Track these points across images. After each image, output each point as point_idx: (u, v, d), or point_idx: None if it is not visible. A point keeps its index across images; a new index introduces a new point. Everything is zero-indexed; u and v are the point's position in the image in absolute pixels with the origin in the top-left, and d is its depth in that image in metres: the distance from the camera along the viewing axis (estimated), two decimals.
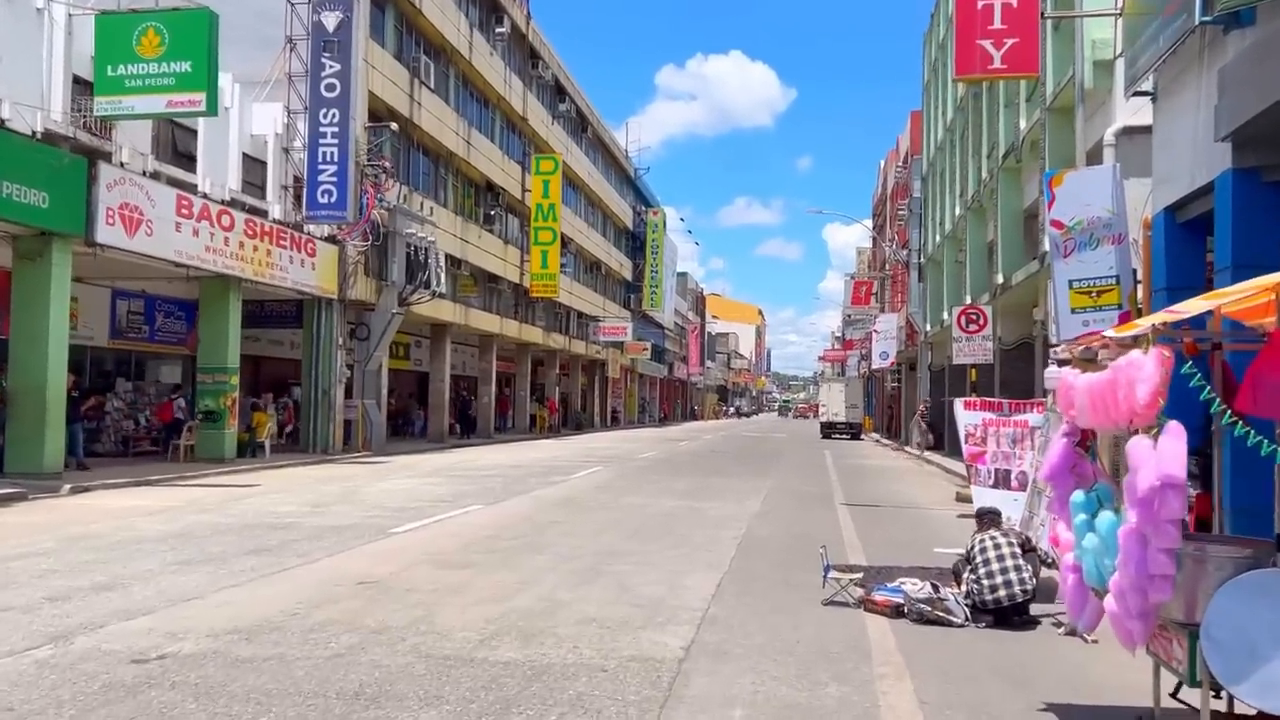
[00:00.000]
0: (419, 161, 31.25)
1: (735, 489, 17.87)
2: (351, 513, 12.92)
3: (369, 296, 26.68)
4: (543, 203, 40.60)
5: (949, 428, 31.79)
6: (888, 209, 54.38)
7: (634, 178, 66.98)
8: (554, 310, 47.13)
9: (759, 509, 14.65)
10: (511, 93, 39.15)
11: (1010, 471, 10.35)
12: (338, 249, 25.09)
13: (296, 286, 23.18)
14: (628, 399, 69.20)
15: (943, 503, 16.83)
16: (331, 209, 22.82)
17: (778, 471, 23.13)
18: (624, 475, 20.43)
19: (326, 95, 22.72)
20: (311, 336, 25.35)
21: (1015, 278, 19.98)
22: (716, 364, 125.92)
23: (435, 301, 30.67)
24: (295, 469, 20.89)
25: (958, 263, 30.58)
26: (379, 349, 27.11)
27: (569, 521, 12.51)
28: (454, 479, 18.56)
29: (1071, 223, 13.40)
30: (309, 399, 25.34)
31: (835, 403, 49.41)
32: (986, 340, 17.08)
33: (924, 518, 14.52)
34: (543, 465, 22.88)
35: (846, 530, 12.50)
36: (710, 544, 10.89)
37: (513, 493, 16.07)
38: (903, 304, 44.02)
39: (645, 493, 16.66)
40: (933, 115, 35.24)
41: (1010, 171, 21.97)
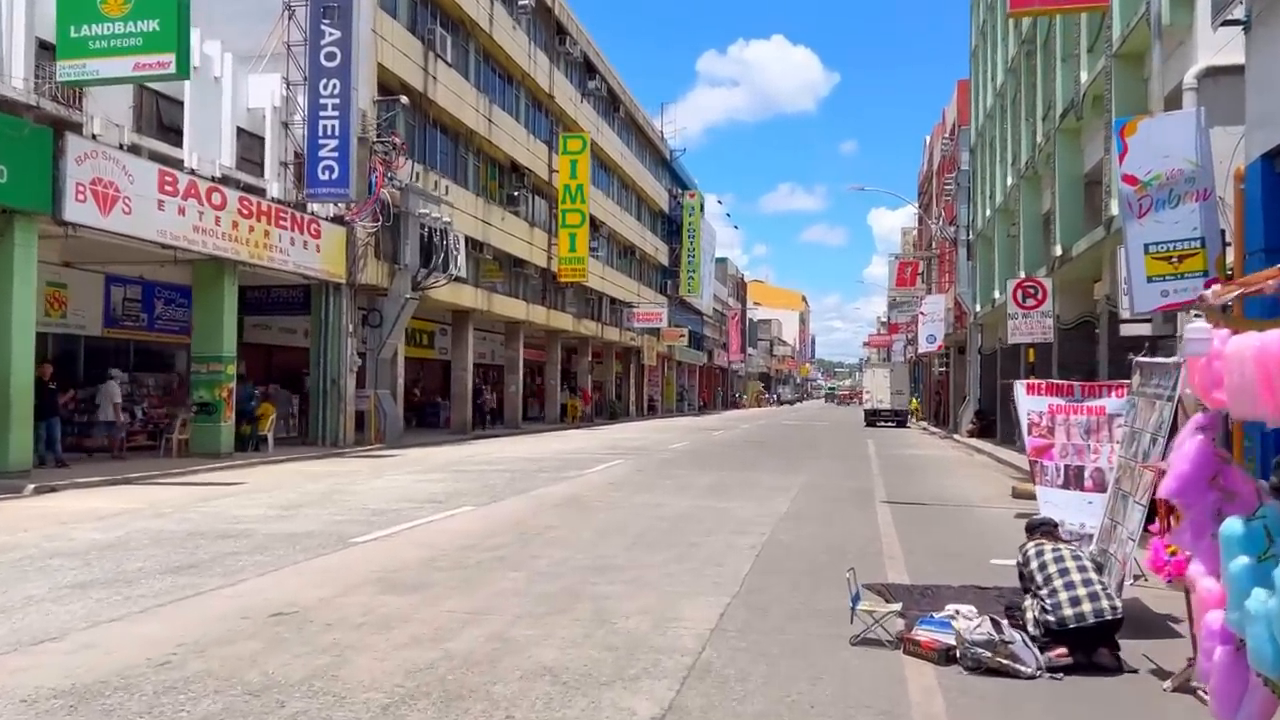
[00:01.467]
0: (436, 139, 29.80)
1: (764, 485, 16.17)
2: (321, 516, 11.43)
3: (380, 281, 25.28)
4: (570, 184, 39.01)
5: (1002, 415, 29.79)
6: (934, 186, 52.04)
7: (670, 160, 65.16)
8: (585, 296, 45.59)
9: (787, 509, 12.95)
10: (537, 69, 37.57)
11: (1084, 468, 8.56)
12: (345, 230, 23.69)
13: (299, 270, 21.82)
14: (665, 387, 67.54)
15: (998, 499, 15.00)
16: (333, 186, 21.40)
17: (814, 464, 21.37)
18: (644, 469, 18.81)
19: (326, 65, 21.28)
20: (320, 323, 24.00)
21: (1076, 248, 18.00)
22: (759, 351, 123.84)
23: (455, 286, 29.25)
24: (294, 464, 19.54)
25: (1010, 237, 28.50)
26: (392, 336, 25.72)
27: (564, 526, 10.91)
28: (457, 475, 17.06)
29: (1147, 177, 11.51)
30: (317, 389, 24.00)
31: (880, 389, 47.34)
32: (1046, 316, 15.21)
33: (977, 519, 12.73)
34: (561, 458, 21.33)
35: (886, 536, 10.76)
36: (723, 555, 9.23)
37: (515, 490, 14.52)
38: (950, 284, 41.84)
39: (662, 490, 15.02)
40: (981, 82, 33.08)
41: (1069, 133, 19.94)
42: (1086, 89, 17.45)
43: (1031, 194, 24.25)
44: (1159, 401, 6.88)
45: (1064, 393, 8.80)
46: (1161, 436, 6.66)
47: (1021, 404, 8.94)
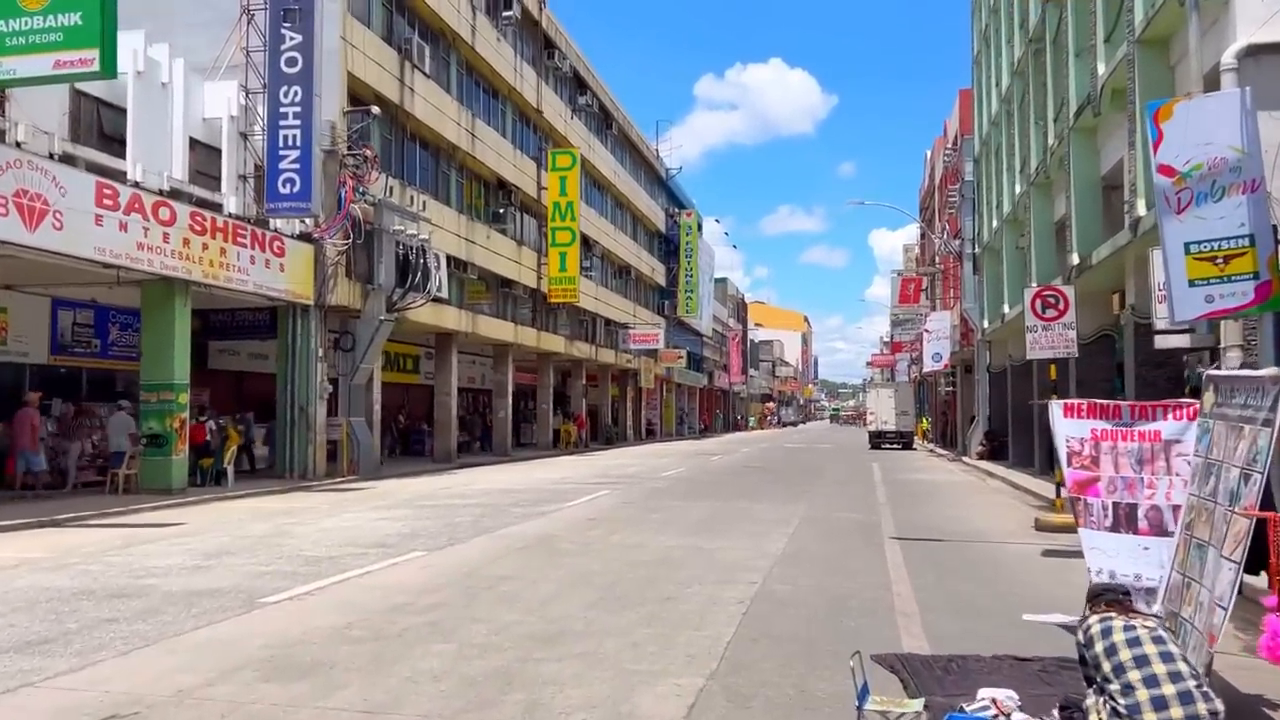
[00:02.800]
0: (414, 154, 28.43)
1: (760, 518, 14.61)
2: (243, 568, 9.89)
3: (353, 302, 23.81)
4: (560, 201, 37.63)
5: (1014, 437, 28.24)
6: (936, 200, 50.69)
7: (666, 179, 63.89)
8: (579, 317, 44.14)
9: (783, 549, 11.40)
10: (524, 83, 36.29)
11: (1137, 506, 7.03)
12: (313, 248, 22.25)
13: (261, 291, 20.36)
14: (665, 410, 65.99)
15: (1020, 533, 13.44)
16: (295, 200, 19.97)
17: (816, 492, 19.80)
18: (631, 502, 17.25)
19: (287, 71, 19.89)
20: (286, 347, 22.51)
21: (1097, 255, 16.53)
22: (760, 372, 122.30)
23: (436, 307, 27.81)
24: (250, 501, 18.00)
25: (1019, 249, 27.06)
26: (366, 360, 24.22)
27: (522, 577, 9.36)
28: (422, 511, 15.52)
29: (1187, 168, 10.05)
30: (284, 418, 22.49)
31: (884, 410, 45.74)
32: (1068, 328, 13.68)
33: (999, 557, 11.17)
34: (543, 490, 19.79)
35: (897, 584, 9.22)
36: (703, 615, 7.69)
37: (480, 530, 12.97)
38: (956, 300, 40.37)
39: (646, 526, 13.47)
40: (985, 89, 31.74)
41: (1084, 132, 18.52)
42: (1105, 82, 16.03)
43: (1043, 201, 22.81)
44: (1250, 427, 5.37)
45: (1110, 415, 7.28)
46: (1259, 472, 5.15)
47: (1059, 428, 7.42)
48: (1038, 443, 24.51)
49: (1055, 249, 22.87)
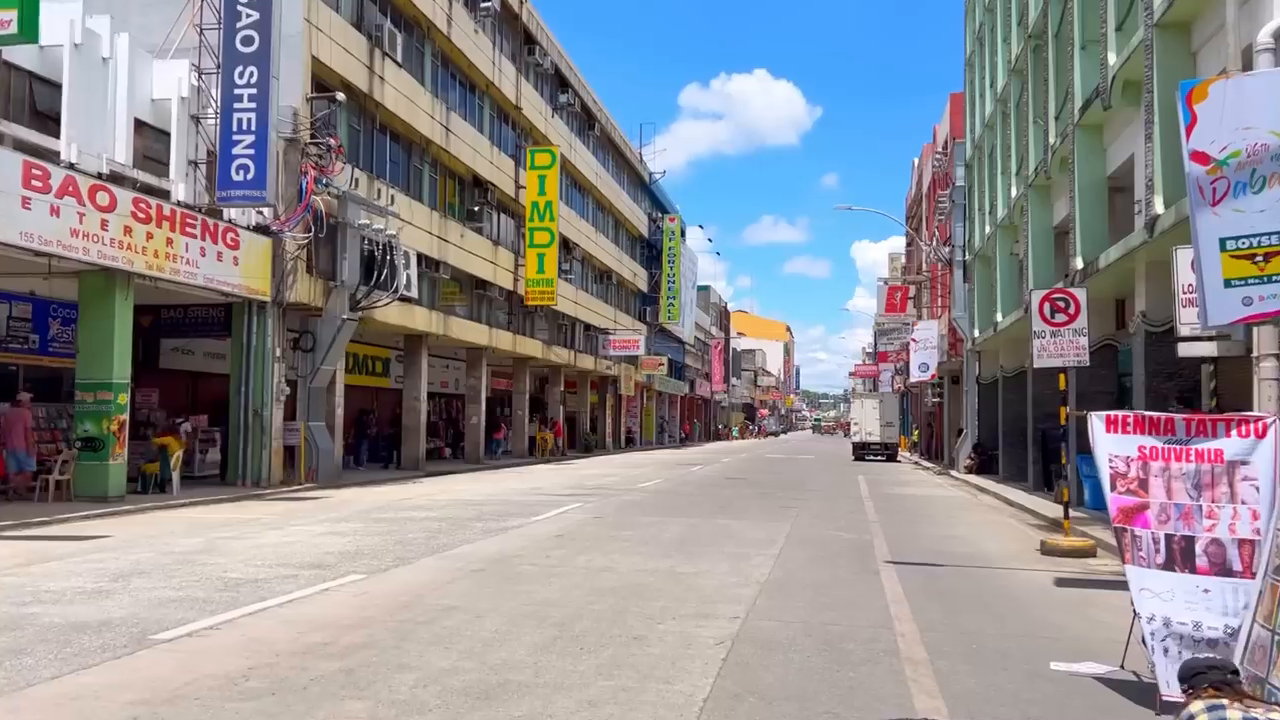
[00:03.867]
0: (385, 146, 27.15)
1: (742, 537, 13.42)
2: (151, 593, 8.61)
3: (314, 299, 22.50)
4: (539, 200, 36.39)
5: (1004, 450, 27.17)
6: (923, 208, 49.75)
7: (649, 183, 62.78)
8: (557, 321, 42.89)
9: (768, 574, 10.20)
10: (502, 78, 35.07)
11: (1194, 539, 5.88)
12: (270, 241, 20.94)
13: (212, 285, 19.04)
14: (645, 418, 64.78)
15: (1024, 557, 12.31)
16: (248, 188, 18.64)
17: (802, 507, 18.63)
18: (602, 517, 16.02)
19: (242, 50, 18.58)
20: (241, 347, 21.18)
21: (1105, 258, 15.45)
22: (743, 381, 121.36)
23: (405, 308, 26.52)
24: (192, 510, 16.67)
25: (1013, 255, 26.04)
26: (327, 361, 22.89)
27: (469, 609, 8.12)
28: (374, 525, 14.23)
29: (1223, 155, 8.93)
30: (237, 422, 21.15)
31: (869, 421, 44.68)
32: (1079, 334, 12.56)
33: (1008, 587, 10.00)
34: (510, 502, 18.53)
35: (900, 619, 8.04)
36: (674, 662, 6.49)
37: (431, 549, 11.71)
38: (943, 309, 39.37)
39: (617, 546, 12.24)
40: (978, 91, 30.77)
41: (1090, 129, 17.48)
42: (1116, 73, 14.97)
43: (1041, 204, 21.77)
44: None
45: (1161, 429, 6.13)
46: None
47: (1100, 445, 6.27)
48: (1031, 457, 23.45)
49: (1054, 254, 21.83)
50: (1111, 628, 7.88)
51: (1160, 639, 5.75)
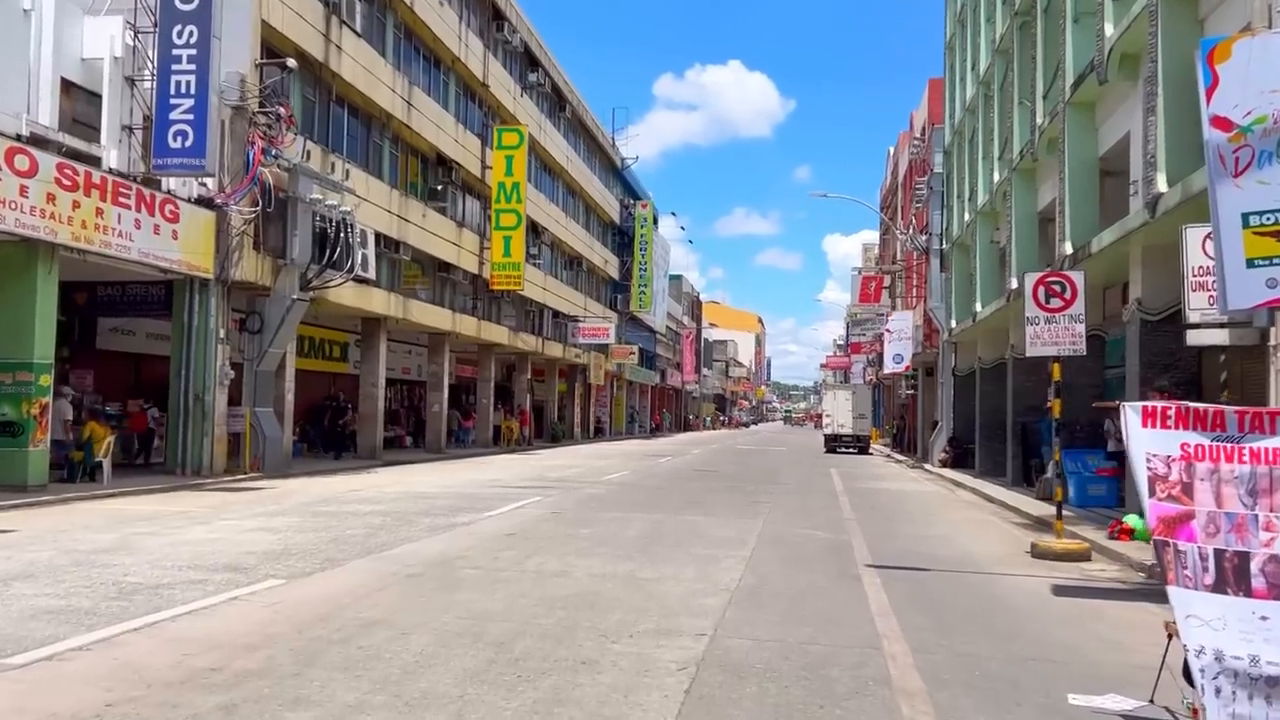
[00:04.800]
0: (341, 119, 25.86)
1: (711, 536, 12.42)
2: (29, 601, 7.47)
3: (262, 278, 21.26)
4: (505, 181, 35.17)
5: (981, 444, 26.35)
6: (899, 198, 49.00)
7: (621, 169, 61.62)
8: (525, 308, 41.71)
9: (739, 580, 9.20)
10: (469, 54, 33.78)
11: (1249, 557, 4.92)
12: (214, 215, 19.68)
13: (148, 260, 17.77)
14: (615, 408, 63.74)
15: (1014, 560, 11.39)
16: (186, 156, 17.38)
17: (774, 502, 17.68)
18: (561, 512, 14.96)
19: (181, 7, 17.28)
20: (182, 327, 19.93)
21: (1098, 243, 14.56)
22: (714, 372, 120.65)
23: (362, 289, 25.29)
24: (119, 501, 15.46)
25: (993, 243, 25.21)
26: (275, 343, 21.66)
27: (395, 624, 7.05)
28: (313, 520, 13.10)
29: (1247, 120, 8.04)
30: (177, 406, 19.90)
31: (841, 412, 43.86)
32: (1076, 321, 11.63)
33: (1003, 596, 9.05)
34: (465, 495, 17.44)
35: (890, 637, 7.05)
36: (629, 694, 5.46)
37: (368, 549, 10.61)
38: (919, 299, 38.61)
39: (573, 547, 11.19)
40: (959, 74, 29.90)
41: (1082, 107, 16.59)
42: (1114, 45, 14.05)
43: (1025, 189, 20.91)
44: None
45: (1209, 424, 5.17)
46: None
47: (1135, 441, 5.29)
48: (1011, 452, 22.64)
49: (1038, 240, 21.00)
50: (1128, 649, 6.96)
51: (1211, 676, 4.78)
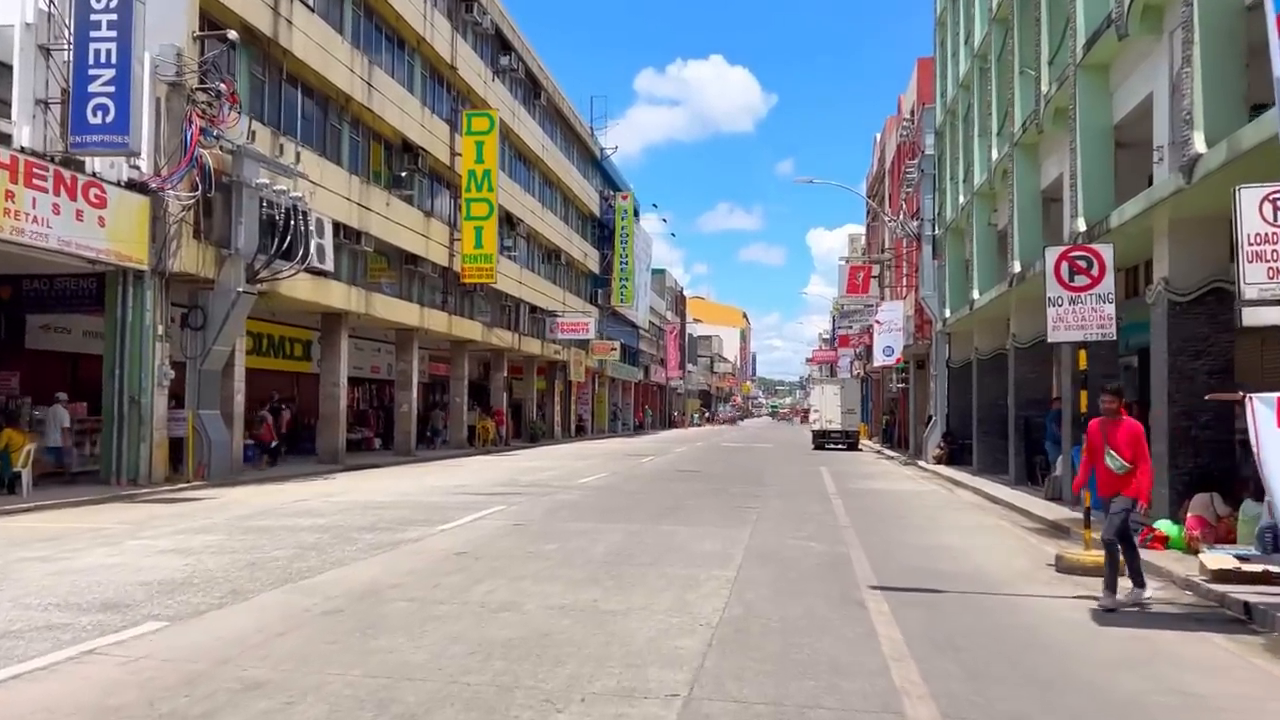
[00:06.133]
0: (295, 100, 24.19)
1: (691, 552, 10.90)
2: None
3: (204, 270, 19.61)
4: (476, 169, 33.53)
5: (978, 439, 24.94)
6: (886, 186, 47.59)
7: (600, 159, 60.02)
8: (500, 302, 40.09)
9: (722, 613, 7.69)
10: (435, 34, 32.12)
11: None
12: (148, 200, 18.03)
13: (70, 249, 16.12)
14: (597, 405, 62.18)
15: (1038, 575, 9.92)
16: (108, 132, 15.74)
17: (762, 507, 16.19)
18: (525, 524, 13.41)
19: None
20: (115, 323, 18.30)
21: (1118, 217, 13.10)
22: (698, 368, 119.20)
23: (319, 282, 23.67)
24: (27, 518, 13.85)
25: (991, 225, 23.78)
26: (221, 340, 20.00)
27: (284, 685, 5.50)
28: (239, 539, 11.51)
29: None
30: (111, 410, 18.27)
31: (830, 408, 42.41)
32: (1105, 301, 10.19)
33: (1040, 629, 7.56)
34: (423, 504, 15.87)
35: (910, 695, 5.55)
36: None
37: (285, 576, 9.04)
38: (910, 289, 37.19)
39: (531, 568, 9.65)
40: (952, 50, 28.46)
41: (1094, 70, 15.15)
42: None
43: (1028, 165, 19.48)
44: None
45: None
46: None
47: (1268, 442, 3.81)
48: (1013, 448, 21.23)
49: (1041, 221, 19.58)
50: (1213, 706, 5.49)
51: None
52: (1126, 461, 8.27)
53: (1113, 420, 8.46)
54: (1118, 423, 8.42)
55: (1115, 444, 8.33)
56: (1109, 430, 8.44)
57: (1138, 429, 8.41)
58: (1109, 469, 8.39)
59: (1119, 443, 8.32)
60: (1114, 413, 8.47)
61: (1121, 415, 8.49)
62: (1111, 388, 8.65)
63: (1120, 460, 8.29)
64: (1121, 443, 8.31)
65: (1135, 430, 8.37)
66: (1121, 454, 8.28)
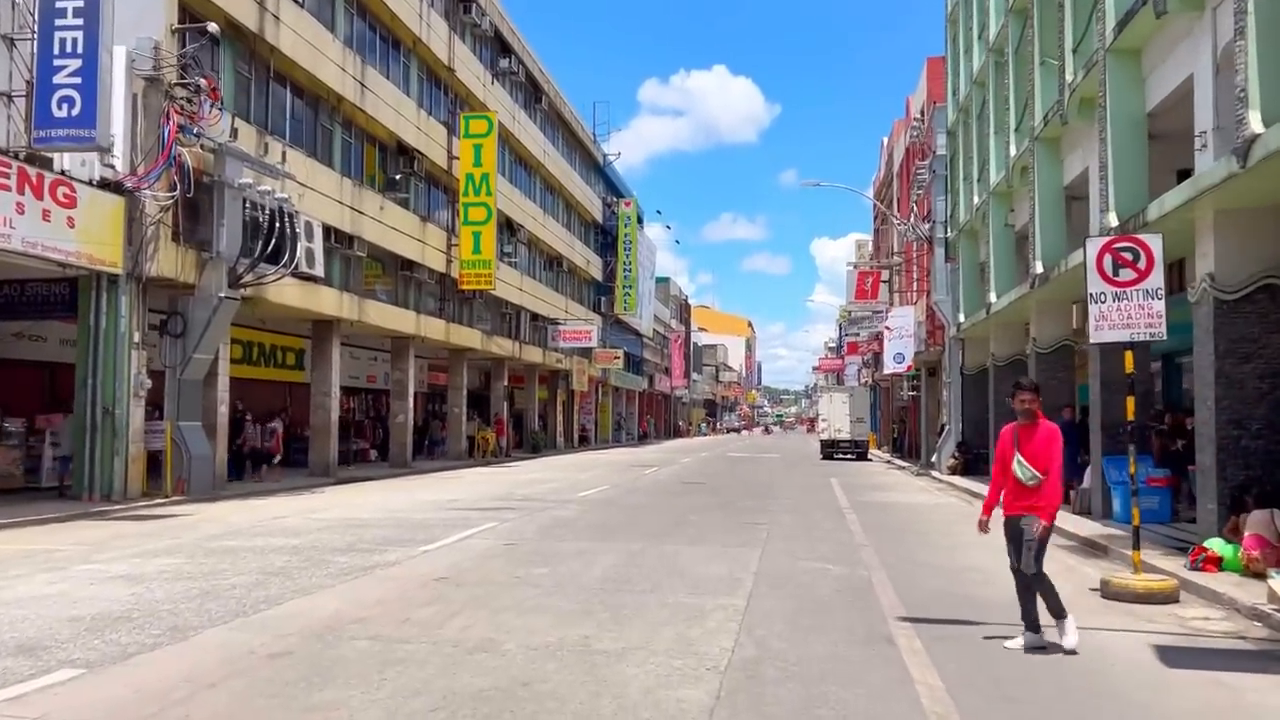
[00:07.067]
0: (282, 99, 23.26)
1: (696, 577, 9.88)
2: None
3: (183, 274, 18.69)
4: (474, 172, 32.60)
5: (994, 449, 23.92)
6: (894, 190, 46.58)
7: (603, 165, 59.13)
8: (500, 310, 39.13)
9: (731, 652, 6.67)
10: (432, 35, 31.25)
11: None
12: (123, 201, 17.12)
13: (36, 252, 15.19)
14: (600, 415, 61.17)
15: (1084, 603, 8.85)
16: (73, 126, 14.81)
17: (771, 522, 15.16)
18: (517, 543, 12.40)
19: None
20: (88, 330, 17.40)
21: (1158, 208, 12.08)
22: (704, 377, 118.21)
23: (309, 288, 22.74)
24: None
25: (1008, 226, 22.76)
26: (202, 348, 19.05)
27: None
28: (195, 563, 10.52)
29: None
30: (83, 422, 17.34)
31: (838, 416, 41.36)
32: (1152, 298, 9.18)
33: (1100, 673, 6.52)
34: (406, 522, 14.85)
35: None
36: None
37: (238, 609, 8.04)
38: (921, 294, 36.16)
39: (516, 598, 8.64)
40: (964, 44, 27.50)
41: (1126, 55, 14.16)
42: None
43: (1050, 160, 18.47)
44: None
45: None
46: None
47: None
48: None
49: (1062, 218, 18.56)
50: None
51: None
52: (1039, 471, 6.92)
53: (1028, 424, 7.09)
54: (1033, 427, 7.06)
55: (1029, 451, 6.97)
56: (1023, 435, 7.08)
57: (1055, 433, 7.07)
58: (1017, 480, 7.00)
59: (1034, 450, 6.97)
60: (1031, 415, 7.09)
61: (1038, 418, 7.11)
62: (1029, 384, 7.27)
63: (1031, 470, 6.92)
64: (1037, 450, 6.96)
65: (1052, 435, 7.04)
66: (1034, 463, 6.93)
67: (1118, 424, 15.67)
